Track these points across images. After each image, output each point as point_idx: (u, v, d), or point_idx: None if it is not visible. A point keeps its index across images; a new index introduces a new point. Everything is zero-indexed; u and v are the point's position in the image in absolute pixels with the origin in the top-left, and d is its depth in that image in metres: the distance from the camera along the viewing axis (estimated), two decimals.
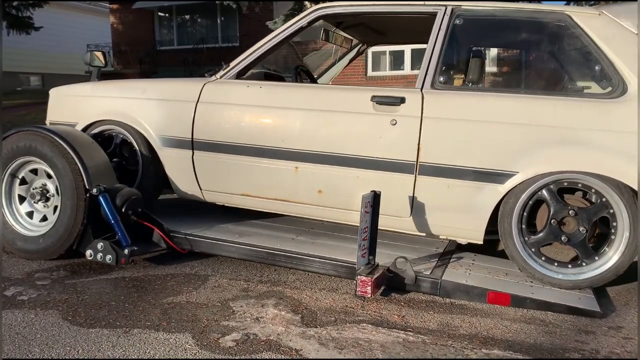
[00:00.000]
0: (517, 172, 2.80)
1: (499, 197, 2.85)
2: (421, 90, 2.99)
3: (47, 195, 3.32)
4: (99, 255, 3.01)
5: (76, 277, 3.02)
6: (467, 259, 3.16)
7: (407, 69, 15.68)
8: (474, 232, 2.97)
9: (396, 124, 2.98)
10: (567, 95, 2.99)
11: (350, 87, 3.29)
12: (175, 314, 2.55)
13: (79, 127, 3.63)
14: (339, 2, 3.32)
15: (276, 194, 3.29)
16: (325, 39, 4.11)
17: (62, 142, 3.16)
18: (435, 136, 2.92)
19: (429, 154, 2.93)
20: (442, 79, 3.01)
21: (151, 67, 18.96)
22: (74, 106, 3.80)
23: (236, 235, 3.27)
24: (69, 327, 2.39)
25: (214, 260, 3.36)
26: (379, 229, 2.88)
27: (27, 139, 3.25)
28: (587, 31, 2.85)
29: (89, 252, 3.04)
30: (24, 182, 3.38)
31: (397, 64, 16.12)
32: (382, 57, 16.27)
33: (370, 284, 2.62)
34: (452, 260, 3.12)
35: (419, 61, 3.84)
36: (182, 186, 3.52)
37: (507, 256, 2.96)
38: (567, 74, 3.68)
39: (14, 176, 3.37)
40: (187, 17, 20.10)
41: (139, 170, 3.54)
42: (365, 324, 2.49)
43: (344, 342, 2.30)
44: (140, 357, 2.15)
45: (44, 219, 3.33)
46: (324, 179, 3.14)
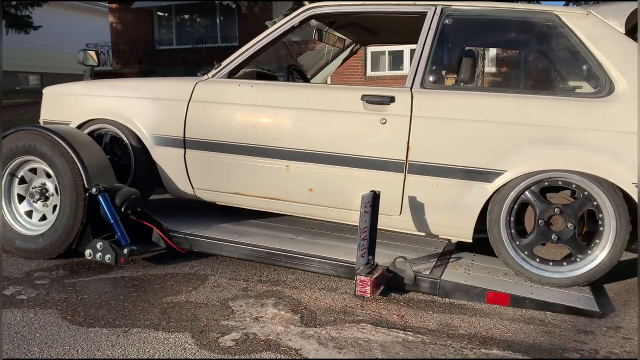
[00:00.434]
0: (505, 171, 2.83)
1: (487, 195, 2.87)
2: (411, 89, 3.01)
3: (47, 194, 3.31)
4: (98, 254, 3.00)
5: (75, 277, 3.02)
6: (466, 259, 3.16)
7: (407, 69, 15.68)
8: (464, 231, 2.99)
9: (386, 123, 3.00)
10: (555, 94, 3.02)
11: (340, 86, 3.32)
12: (174, 314, 2.55)
13: (72, 126, 3.64)
14: (330, 2, 3.33)
15: (267, 193, 3.31)
16: (318, 38, 4.12)
17: (62, 142, 3.15)
18: (424, 135, 2.95)
19: (418, 152, 2.95)
20: (431, 78, 3.04)
21: (150, 66, 18.95)
22: (67, 105, 3.82)
23: (236, 235, 3.27)
24: (68, 327, 2.39)
25: (214, 259, 3.36)
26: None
27: (26, 138, 3.24)
28: (575, 31, 2.88)
29: (88, 251, 3.03)
30: (23, 181, 3.38)
31: (397, 64, 16.14)
32: (381, 57, 16.28)
33: (369, 283, 2.62)
34: (451, 260, 3.12)
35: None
36: (175, 185, 3.53)
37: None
38: (556, 73, 3.71)
39: (13, 175, 3.36)
40: (186, 16, 20.09)
41: (132, 169, 3.55)
42: (364, 324, 2.49)
43: (344, 342, 2.31)
44: (139, 356, 2.15)
45: (43, 218, 3.33)
46: (314, 177, 3.16)
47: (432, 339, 2.37)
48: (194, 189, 3.49)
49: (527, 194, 2.86)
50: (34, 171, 3.36)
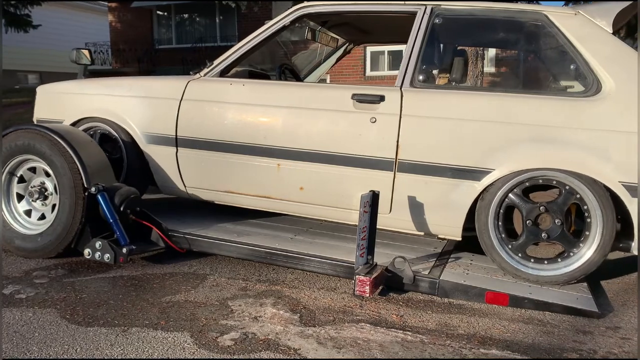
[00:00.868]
0: (494, 170, 2.85)
1: (475, 194, 2.89)
2: (400, 88, 3.03)
3: (46, 193, 3.31)
4: (97, 254, 3.00)
5: (74, 276, 3.02)
6: (465, 259, 3.17)
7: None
8: (453, 229, 3.01)
9: (376, 121, 3.02)
10: (543, 94, 3.03)
11: (331, 85, 3.33)
12: (173, 313, 2.55)
13: (65, 124, 3.64)
14: (321, 2, 3.34)
15: (259, 191, 3.32)
16: (312, 38, 4.13)
17: (61, 141, 3.15)
18: (413, 134, 2.97)
19: (408, 151, 2.97)
20: (421, 77, 3.07)
21: (149, 66, 18.93)
22: (60, 103, 3.83)
23: (235, 234, 3.27)
24: (67, 326, 2.39)
25: (213, 259, 3.36)
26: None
27: (25, 137, 3.24)
28: (563, 30, 2.90)
29: (87, 250, 3.03)
30: (22, 180, 3.37)
31: (396, 63, 16.11)
32: (380, 57, 16.29)
33: (368, 283, 2.62)
34: (450, 260, 3.13)
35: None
36: (167, 183, 3.55)
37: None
38: (546, 73, 3.73)
39: (12, 174, 3.36)
40: (186, 16, 20.06)
41: (124, 167, 3.55)
42: (363, 324, 2.49)
43: (343, 342, 2.31)
44: (138, 356, 2.15)
45: (42, 217, 3.32)
46: (305, 176, 3.18)
47: (431, 338, 2.37)
48: (186, 187, 3.51)
49: (511, 196, 2.89)
50: (33, 170, 3.35)
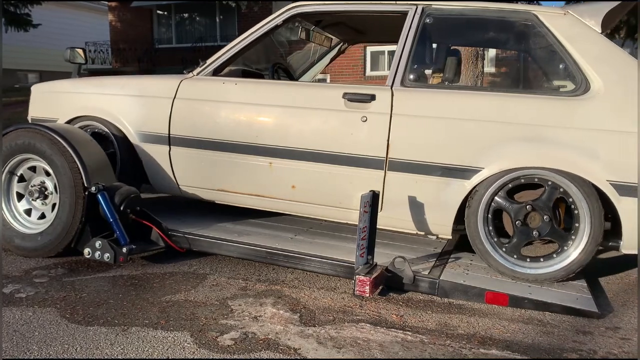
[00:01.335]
0: (483, 168, 2.86)
1: (465, 192, 2.91)
2: (391, 87, 3.05)
3: (46, 192, 3.31)
4: (97, 253, 3.00)
5: (74, 275, 3.02)
6: (465, 259, 3.17)
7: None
8: (443, 227, 3.03)
9: (366, 120, 3.04)
10: (533, 93, 3.04)
11: (322, 85, 3.35)
12: (173, 313, 2.55)
13: (59, 123, 3.65)
14: (313, 1, 3.36)
15: (251, 189, 3.34)
16: (305, 37, 4.15)
17: (61, 140, 3.15)
18: (404, 133, 2.99)
19: (398, 150, 2.99)
20: (411, 77, 3.09)
21: (149, 65, 18.93)
22: (54, 102, 3.85)
23: (235, 234, 3.27)
24: (67, 325, 2.39)
25: (213, 258, 3.35)
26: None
27: (26, 136, 3.24)
28: (552, 30, 2.92)
29: (87, 250, 3.03)
30: (22, 179, 3.37)
31: None
32: (380, 57, 16.28)
33: (368, 283, 2.62)
34: (450, 260, 3.13)
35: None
36: (160, 181, 3.56)
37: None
38: (536, 72, 3.75)
39: (12, 173, 3.36)
40: (186, 15, 20.06)
41: (117, 165, 3.56)
42: (363, 324, 2.49)
43: (343, 342, 2.31)
44: (138, 355, 2.15)
45: (42, 216, 3.32)
46: (297, 174, 3.19)
47: (431, 338, 2.37)
48: (179, 185, 3.52)
49: (497, 200, 2.91)
50: (33, 169, 3.35)
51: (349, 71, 15.61)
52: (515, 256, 2.92)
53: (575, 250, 2.83)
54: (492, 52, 13.48)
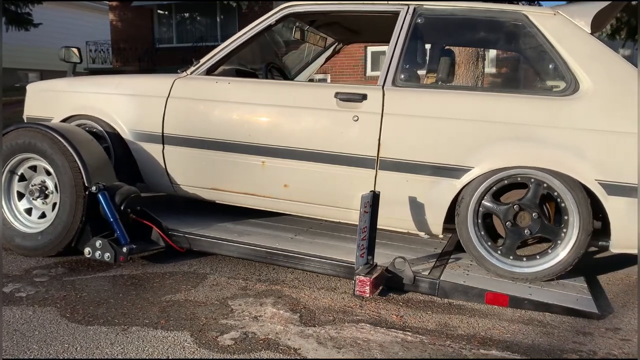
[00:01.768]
0: (473, 167, 2.88)
1: (455, 191, 2.93)
2: (382, 87, 3.06)
3: (46, 192, 3.31)
4: (98, 253, 3.00)
5: (74, 275, 3.02)
6: (465, 260, 3.17)
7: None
8: (433, 226, 3.04)
9: (358, 120, 3.05)
10: (522, 92, 3.05)
11: (315, 84, 3.39)
12: (173, 312, 2.55)
13: (54, 122, 3.66)
14: (306, 1, 3.37)
15: (244, 188, 3.35)
16: (300, 37, 4.15)
17: (62, 139, 3.15)
18: (395, 132, 3.00)
19: (389, 149, 3.00)
20: (403, 76, 3.10)
21: (150, 65, 18.93)
22: (50, 101, 3.86)
23: (235, 234, 3.27)
24: (67, 324, 2.39)
25: (213, 258, 3.36)
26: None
27: (26, 135, 3.24)
28: (542, 30, 2.93)
29: (87, 249, 3.03)
30: (23, 178, 3.38)
31: None
32: (381, 57, 16.26)
33: (368, 283, 2.62)
34: (450, 260, 3.13)
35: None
36: (153, 180, 3.58)
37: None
38: (525, 72, 3.76)
39: (13, 173, 3.36)
40: (187, 15, 20.05)
41: (111, 163, 3.55)
42: (363, 324, 2.49)
43: (343, 342, 2.31)
44: (138, 355, 2.15)
45: (43, 216, 3.32)
46: (289, 173, 3.21)
47: (431, 339, 2.37)
48: (173, 184, 3.54)
49: (485, 204, 2.92)
50: (33, 169, 3.35)
51: (349, 71, 15.60)
52: (511, 257, 2.92)
53: (568, 242, 2.83)
54: (492, 53, 13.47)
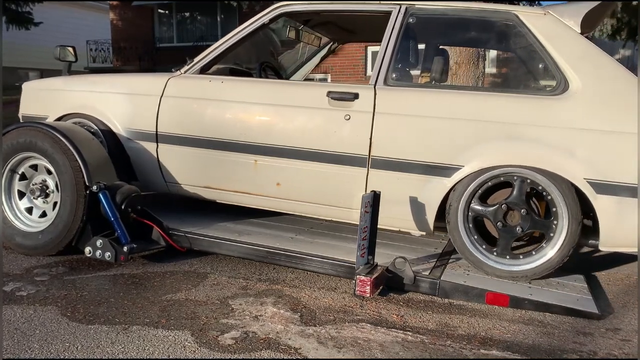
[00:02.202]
0: (463, 166, 2.89)
1: (445, 190, 2.94)
2: (374, 86, 3.08)
3: (47, 191, 3.31)
4: (98, 252, 3.00)
5: (75, 274, 3.02)
6: (465, 260, 3.16)
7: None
8: (424, 224, 3.06)
9: (350, 119, 3.07)
10: (513, 92, 3.06)
11: (307, 83, 3.41)
12: (174, 311, 2.55)
13: (50, 121, 3.67)
14: (299, 1, 3.38)
15: (237, 187, 3.37)
16: (295, 37, 4.17)
17: (63, 139, 3.15)
18: (386, 131, 3.02)
19: (380, 148, 3.02)
20: (394, 76, 3.12)
21: (150, 64, 18.94)
22: (45, 100, 3.88)
23: (235, 233, 3.27)
24: (68, 323, 2.39)
25: (213, 258, 3.36)
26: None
27: (27, 134, 3.24)
28: (532, 30, 2.95)
29: (88, 249, 3.03)
30: (23, 177, 3.38)
31: None
32: None
33: (369, 283, 2.62)
34: (450, 260, 3.13)
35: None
36: (148, 178, 3.59)
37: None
38: (519, 72, 3.78)
39: (13, 172, 3.37)
40: (187, 14, 20.07)
41: None
42: (364, 323, 2.50)
43: (343, 341, 2.31)
44: (139, 354, 2.15)
45: (43, 215, 3.32)
46: (281, 172, 3.22)
47: (432, 339, 2.38)
48: (167, 182, 3.55)
49: (473, 208, 2.93)
50: (34, 168, 3.35)
51: (349, 71, 15.61)
52: (508, 257, 2.93)
53: (561, 233, 2.83)
54: (493, 53, 13.47)
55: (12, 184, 3.38)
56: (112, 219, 3.05)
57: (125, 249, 3.00)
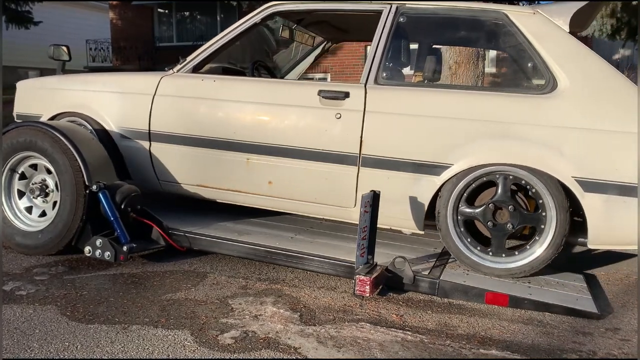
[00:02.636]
0: (452, 164, 2.91)
1: (435, 188, 2.96)
2: (365, 85, 3.09)
3: (47, 190, 3.31)
4: (98, 251, 3.00)
5: (75, 273, 3.02)
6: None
7: (406, 68, 15.64)
8: (414, 222, 3.07)
9: (341, 117, 3.08)
10: (501, 90, 3.08)
11: (298, 82, 3.42)
12: (173, 311, 2.55)
13: (44, 119, 3.69)
14: (290, 0, 3.39)
15: (229, 185, 3.38)
16: (289, 36, 4.17)
17: (63, 138, 3.15)
18: (376, 130, 3.04)
19: (371, 146, 3.03)
20: (385, 74, 3.14)
21: (150, 63, 18.92)
22: (39, 99, 3.89)
23: (235, 233, 3.27)
24: (68, 323, 2.39)
25: (213, 257, 3.36)
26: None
27: (27, 134, 3.24)
28: (521, 29, 2.96)
29: (87, 248, 3.03)
30: (23, 177, 3.38)
31: None
32: None
33: (368, 283, 2.62)
34: (450, 260, 3.13)
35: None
36: (141, 177, 3.59)
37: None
38: (508, 70, 3.81)
39: (13, 171, 3.36)
40: (187, 14, 20.05)
41: None
42: (363, 323, 2.50)
43: (343, 341, 2.31)
44: (138, 353, 2.15)
45: (43, 214, 3.32)
46: (273, 170, 3.24)
47: (431, 338, 2.38)
48: (160, 181, 3.56)
49: (462, 211, 2.95)
50: (34, 167, 3.35)
51: (350, 70, 15.60)
52: (503, 255, 2.94)
53: (551, 224, 2.84)
54: (493, 53, 13.46)
55: (11, 183, 3.37)
56: (112, 219, 3.05)
57: (124, 248, 3.00)
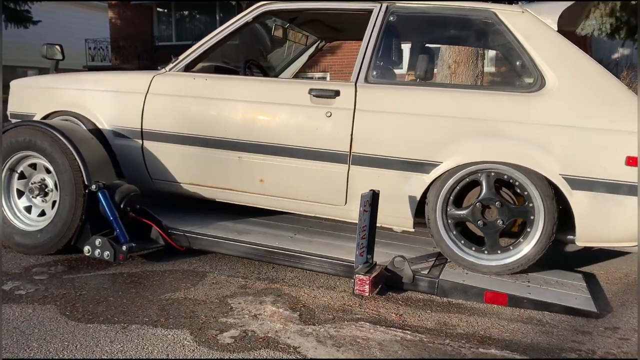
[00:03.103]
0: (441, 162, 2.92)
1: (425, 186, 2.97)
2: (355, 84, 3.11)
3: (46, 190, 3.31)
4: (97, 251, 3.00)
5: (74, 273, 3.02)
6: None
7: (406, 68, 15.64)
8: (404, 220, 3.09)
9: (331, 116, 3.10)
10: (490, 89, 3.11)
11: (289, 80, 3.42)
12: (173, 310, 2.55)
13: (37, 118, 3.69)
14: None
15: (222, 183, 3.39)
16: (282, 35, 4.18)
17: (62, 138, 3.15)
18: (366, 128, 3.05)
19: (361, 144, 3.05)
20: (375, 73, 3.15)
21: (149, 62, 18.91)
22: (33, 98, 3.90)
23: (235, 232, 3.27)
24: (67, 322, 2.39)
25: (212, 257, 3.36)
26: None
27: (26, 133, 3.24)
28: (510, 28, 2.98)
29: (87, 248, 3.03)
30: (22, 176, 3.37)
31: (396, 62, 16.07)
32: None
33: (368, 282, 2.62)
34: (449, 259, 3.13)
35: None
36: (134, 175, 3.59)
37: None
38: (501, 69, 3.84)
39: (12, 170, 3.36)
40: (186, 13, 20.05)
41: None
42: (363, 322, 2.50)
43: (342, 340, 2.31)
44: (138, 353, 2.15)
45: (42, 214, 3.32)
46: (265, 168, 3.25)
47: (430, 338, 2.38)
48: (152, 179, 3.57)
49: (451, 213, 2.96)
50: (33, 166, 3.35)
51: (349, 69, 15.58)
52: (499, 251, 2.96)
53: (539, 213, 2.85)
54: (492, 52, 13.45)
55: (11, 182, 3.37)
56: (111, 218, 3.05)
57: (124, 248, 3.00)
